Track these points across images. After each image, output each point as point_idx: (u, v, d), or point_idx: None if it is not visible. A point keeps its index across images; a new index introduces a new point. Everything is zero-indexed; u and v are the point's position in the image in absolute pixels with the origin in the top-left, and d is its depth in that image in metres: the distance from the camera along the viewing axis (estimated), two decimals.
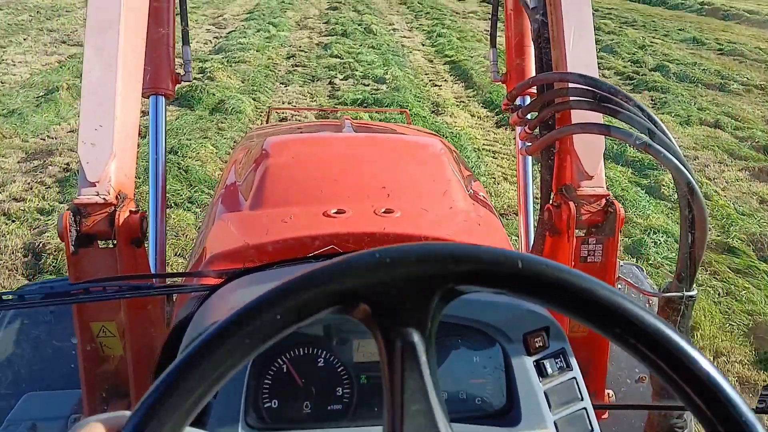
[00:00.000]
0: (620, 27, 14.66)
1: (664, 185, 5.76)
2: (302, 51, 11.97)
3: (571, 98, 1.33)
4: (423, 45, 12.79)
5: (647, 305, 1.65)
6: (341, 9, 16.80)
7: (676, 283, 1.32)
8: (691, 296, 1.31)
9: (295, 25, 14.69)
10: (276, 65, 10.81)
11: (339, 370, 1.03)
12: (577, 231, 1.42)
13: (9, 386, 1.81)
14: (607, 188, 1.45)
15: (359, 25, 14.24)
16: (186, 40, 2.18)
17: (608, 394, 1.56)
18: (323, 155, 1.68)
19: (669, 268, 4.52)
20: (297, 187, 1.51)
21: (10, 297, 1.12)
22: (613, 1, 19.00)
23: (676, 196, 1.44)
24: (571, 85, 1.34)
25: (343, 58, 11.03)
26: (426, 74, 10.46)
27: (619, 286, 1.56)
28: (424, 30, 14.26)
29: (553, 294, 0.55)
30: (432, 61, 11.42)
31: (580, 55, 1.45)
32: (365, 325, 0.58)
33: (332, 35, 13.26)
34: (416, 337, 0.57)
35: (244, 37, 12.52)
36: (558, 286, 0.55)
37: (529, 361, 1.02)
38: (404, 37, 13.58)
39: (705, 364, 0.52)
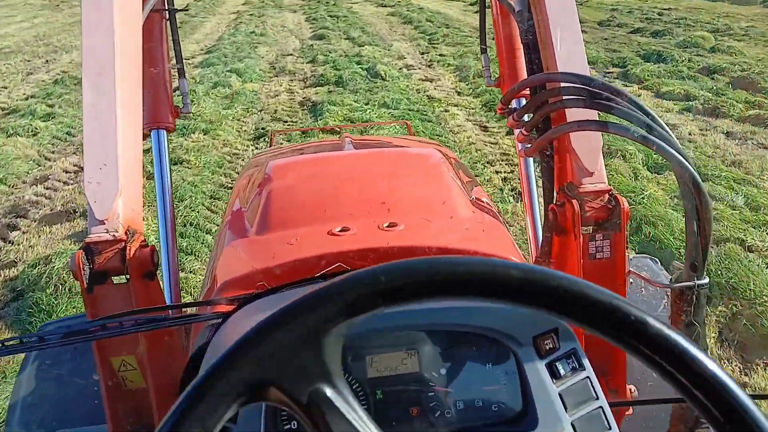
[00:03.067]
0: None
1: None
2: (278, 119, 7.43)
3: (565, 97, 1.29)
4: (459, 93, 8.23)
5: (666, 298, 1.76)
6: (329, 37, 12.21)
7: (688, 273, 1.28)
8: (703, 285, 1.27)
9: (269, 69, 10.13)
10: (233, 160, 6.25)
11: (354, 386, 0.99)
12: (583, 228, 1.35)
13: (39, 425, 1.73)
14: (608, 183, 1.38)
15: (358, 63, 9.72)
16: (182, 74, 2.16)
17: (630, 389, 1.47)
18: (325, 175, 1.64)
19: None
20: (301, 209, 1.48)
21: (31, 339, 1.08)
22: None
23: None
24: (562, 84, 1.29)
25: (341, 133, 6.41)
26: (491, 163, 5.87)
27: (630, 280, 1.52)
28: (448, 64, 9.72)
29: (415, 292, 0.55)
30: (486, 129, 6.86)
31: (569, 54, 1.40)
32: (282, 404, 0.56)
33: (322, 84, 8.73)
34: (328, 391, 0.56)
35: (192, 100, 7.87)
36: (432, 279, 0.54)
37: (541, 364, 0.98)
38: (426, 79, 9.02)
39: (708, 361, 0.50)
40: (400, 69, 9.61)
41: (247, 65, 9.92)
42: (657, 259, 2.25)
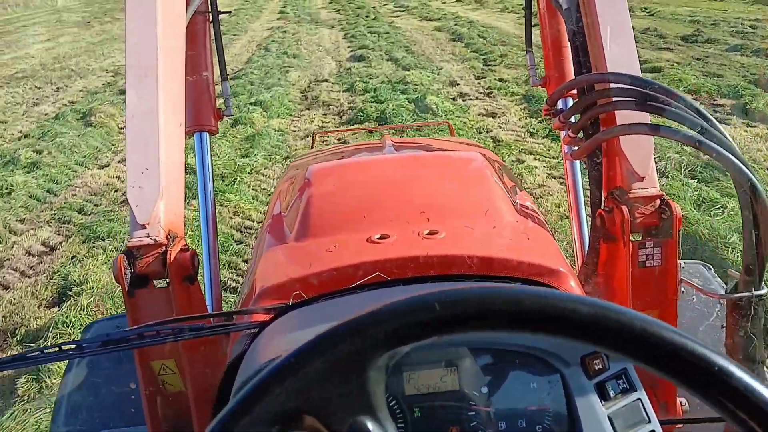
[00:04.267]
0: None
1: None
2: None
3: (615, 99, 1.24)
4: (532, 134, 6.49)
5: (719, 305, 1.67)
6: (369, 58, 10.60)
7: (744, 282, 1.21)
8: (761, 296, 1.20)
9: (299, 100, 8.56)
10: (243, 239, 4.69)
11: (392, 404, 0.94)
12: (633, 235, 1.28)
13: (83, 425, 1.74)
14: (660, 188, 1.31)
15: (403, 92, 8.10)
16: (224, 76, 2.12)
17: (680, 402, 1.40)
18: (365, 180, 1.58)
19: None
20: (340, 215, 1.43)
21: (71, 346, 1.07)
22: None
23: None
24: (613, 85, 1.23)
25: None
26: None
27: (683, 289, 1.42)
28: (512, 93, 8.03)
29: (484, 322, 0.52)
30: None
31: (620, 54, 1.34)
32: None
33: (361, 121, 7.13)
34: (369, 424, 0.53)
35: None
36: (479, 313, 0.51)
37: (589, 385, 0.92)
38: (487, 113, 7.34)
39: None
40: (453, 99, 7.94)
41: (275, 95, 8.37)
42: (710, 266, 2.07)
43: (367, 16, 16.21)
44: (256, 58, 10.96)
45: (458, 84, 8.76)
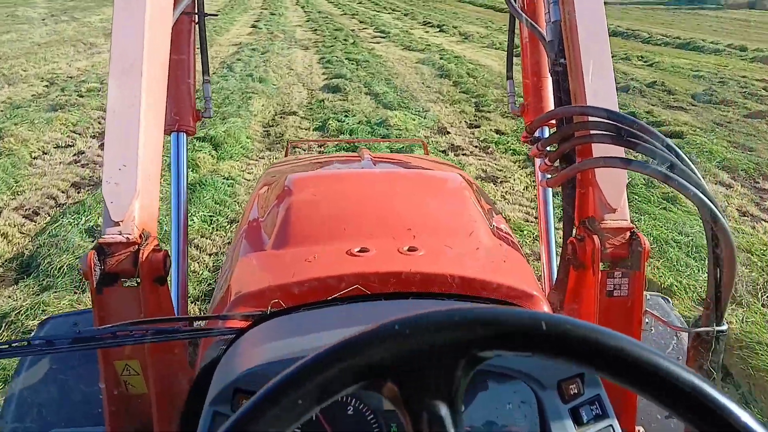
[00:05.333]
0: None
1: None
2: None
3: (593, 132, 1.24)
4: None
5: (675, 339, 1.68)
6: (346, 90, 9.20)
7: (706, 317, 1.22)
8: (722, 331, 1.22)
9: (260, 137, 7.11)
10: None
11: (369, 418, 0.94)
12: (601, 264, 1.31)
13: (35, 422, 1.62)
14: (631, 221, 1.35)
15: (385, 136, 6.71)
16: (206, 78, 2.09)
17: (639, 430, 1.42)
18: (345, 192, 1.56)
19: None
20: (320, 226, 1.41)
21: (38, 342, 1.04)
22: None
23: None
24: (591, 118, 1.23)
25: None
26: None
27: (647, 320, 1.44)
28: (513, 150, 6.69)
29: (580, 353, 0.52)
30: None
31: (600, 88, 1.36)
32: (390, 400, 0.54)
33: None
34: (443, 410, 0.53)
35: None
36: (587, 344, 0.51)
37: (564, 409, 0.93)
38: (487, 177, 6.02)
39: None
40: (444, 153, 6.56)
41: (231, 130, 6.88)
42: (668, 298, 2.06)
43: (345, 40, 14.85)
44: (216, 79, 9.45)
45: (448, 132, 7.40)
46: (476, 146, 6.94)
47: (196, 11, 1.93)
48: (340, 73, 10.38)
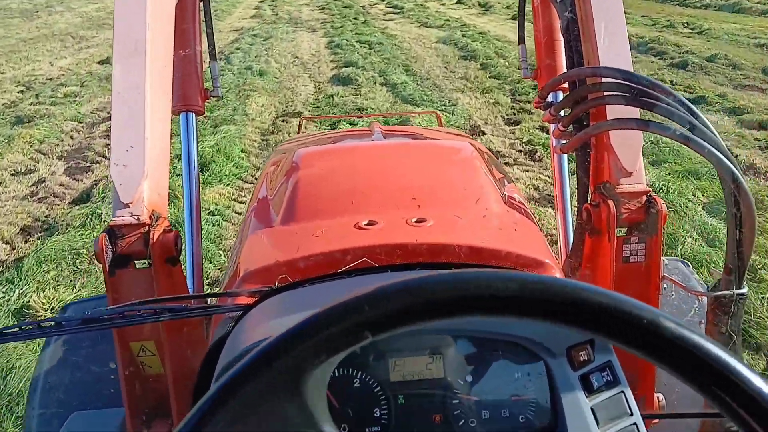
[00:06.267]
0: None
1: None
2: None
3: (606, 93, 1.19)
4: None
5: (697, 303, 1.63)
6: (358, 81, 7.88)
7: (726, 281, 1.18)
8: (741, 294, 1.18)
9: (257, 149, 5.85)
10: None
11: (376, 390, 0.91)
12: (617, 230, 1.25)
13: (59, 406, 1.60)
14: (647, 185, 1.27)
15: None
16: (214, 57, 2.01)
17: (658, 398, 1.37)
18: (353, 165, 1.52)
19: None
20: (327, 200, 1.38)
21: (50, 324, 1.02)
22: None
23: None
24: (604, 79, 1.19)
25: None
26: None
27: (665, 285, 1.39)
28: (570, 158, 5.25)
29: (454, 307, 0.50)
30: None
31: (613, 49, 1.30)
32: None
33: None
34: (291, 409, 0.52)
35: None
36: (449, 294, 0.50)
37: (574, 376, 0.90)
38: (541, 196, 4.69)
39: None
40: None
41: (222, 141, 5.64)
42: (689, 263, 1.98)
43: (355, 19, 13.43)
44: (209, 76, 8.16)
45: (483, 132, 6.07)
46: (520, 150, 5.61)
47: None
48: (350, 60, 9.02)
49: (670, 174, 4.71)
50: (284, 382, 0.49)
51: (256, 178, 5.13)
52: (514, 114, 6.58)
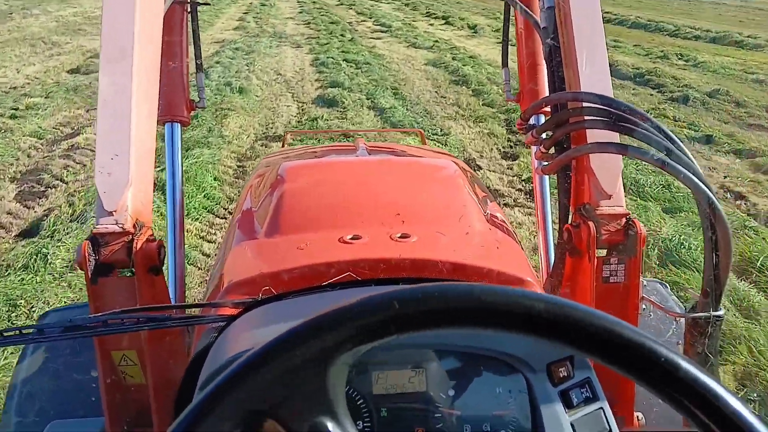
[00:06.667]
0: None
1: None
2: None
3: (586, 117, 1.22)
4: None
5: (674, 323, 1.61)
6: (345, 104, 7.40)
7: (703, 303, 1.20)
8: (718, 316, 1.19)
9: (231, 177, 5.28)
10: None
11: (359, 402, 0.92)
12: (598, 251, 1.27)
13: (36, 415, 1.57)
14: (626, 207, 1.31)
15: None
16: (200, 68, 2.03)
17: (638, 417, 1.37)
18: (338, 180, 1.54)
19: None
20: (312, 213, 1.38)
21: (30, 331, 1.02)
22: None
23: None
24: (585, 104, 1.22)
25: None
26: None
27: (644, 306, 1.37)
28: None
29: (441, 318, 0.51)
30: None
31: (594, 74, 1.33)
32: None
33: None
34: (330, 425, 0.52)
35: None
36: (442, 310, 0.51)
37: (554, 392, 0.91)
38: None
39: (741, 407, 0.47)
40: None
41: (193, 168, 5.06)
42: (667, 284, 1.99)
43: (342, 35, 12.95)
44: None
45: (479, 167, 5.58)
46: (520, 189, 5.13)
47: (188, 0, 1.86)
48: (336, 80, 8.51)
49: (688, 225, 4.24)
50: (311, 364, 0.50)
51: (229, 212, 4.58)
52: (511, 147, 6.11)
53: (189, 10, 1.88)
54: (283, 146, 3.25)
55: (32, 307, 3.25)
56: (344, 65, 9.72)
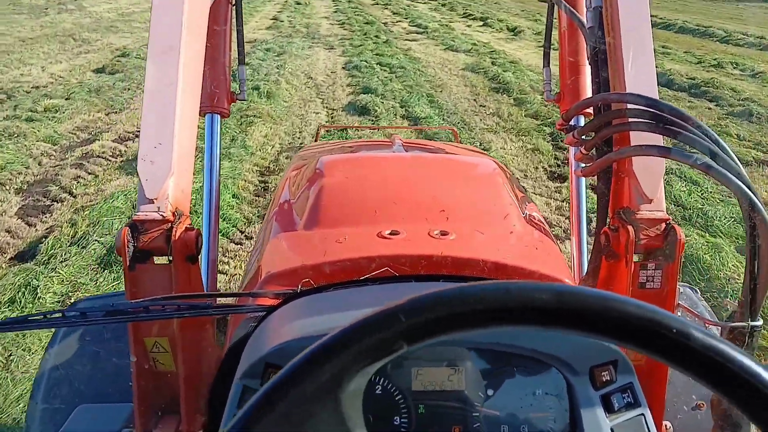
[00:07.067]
0: None
1: None
2: None
3: (631, 119, 1.18)
4: None
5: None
6: (377, 112, 6.91)
7: (741, 312, 1.15)
8: (756, 326, 1.14)
9: (253, 195, 4.82)
10: None
11: (397, 398, 0.91)
12: (635, 255, 1.24)
13: (63, 401, 1.59)
14: (666, 212, 1.27)
15: None
16: (242, 60, 2.04)
17: (666, 426, 1.37)
18: (377, 175, 1.53)
19: None
20: (351, 208, 1.38)
21: (74, 313, 1.01)
22: None
23: None
24: (630, 105, 1.18)
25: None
26: None
27: (679, 313, 1.35)
28: None
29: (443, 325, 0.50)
30: None
31: (640, 75, 1.30)
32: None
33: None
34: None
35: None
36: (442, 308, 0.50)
37: (595, 396, 0.89)
38: None
39: None
40: None
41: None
42: (697, 289, 1.92)
43: (376, 37, 12.44)
44: None
45: (522, 185, 5.01)
46: (568, 212, 4.55)
47: None
48: (369, 86, 8.00)
49: None
50: (321, 392, 0.50)
51: (247, 237, 4.11)
52: (558, 166, 5.53)
53: (234, 2, 1.88)
54: (316, 140, 3.24)
55: (10, 354, 2.81)
56: (378, 69, 9.21)
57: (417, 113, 6.86)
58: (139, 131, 6.39)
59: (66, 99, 7.22)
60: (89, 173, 5.17)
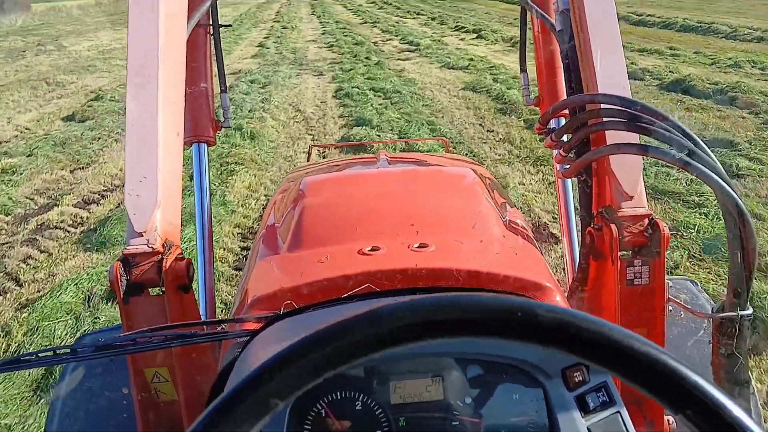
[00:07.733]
0: None
1: None
2: None
3: (605, 119, 1.21)
4: None
5: (706, 322, 1.54)
6: (374, 145, 6.03)
7: (730, 302, 1.18)
8: (746, 316, 1.17)
9: (233, 260, 3.96)
10: None
11: (377, 412, 0.92)
12: (621, 253, 1.25)
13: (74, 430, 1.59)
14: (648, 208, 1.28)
15: None
16: (223, 88, 2.02)
17: (668, 421, 1.34)
18: (358, 193, 1.55)
19: None
20: (333, 227, 1.39)
21: (65, 351, 1.03)
22: None
23: None
24: (603, 105, 1.21)
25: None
26: None
27: (670, 307, 1.39)
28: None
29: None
30: None
31: (610, 75, 1.32)
32: None
33: None
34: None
35: None
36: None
37: (570, 397, 0.90)
38: None
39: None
40: None
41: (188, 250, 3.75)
42: (697, 282, 1.88)
43: (367, 59, 11.68)
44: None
45: (556, 238, 4.20)
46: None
47: (211, 23, 1.87)
48: (363, 116, 7.20)
49: None
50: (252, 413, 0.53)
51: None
52: None
53: (212, 33, 1.88)
54: (308, 160, 3.27)
55: None
56: (371, 95, 8.42)
57: (418, 146, 6.05)
58: (105, 190, 5.46)
59: (28, 156, 6.43)
60: (42, 251, 4.36)
